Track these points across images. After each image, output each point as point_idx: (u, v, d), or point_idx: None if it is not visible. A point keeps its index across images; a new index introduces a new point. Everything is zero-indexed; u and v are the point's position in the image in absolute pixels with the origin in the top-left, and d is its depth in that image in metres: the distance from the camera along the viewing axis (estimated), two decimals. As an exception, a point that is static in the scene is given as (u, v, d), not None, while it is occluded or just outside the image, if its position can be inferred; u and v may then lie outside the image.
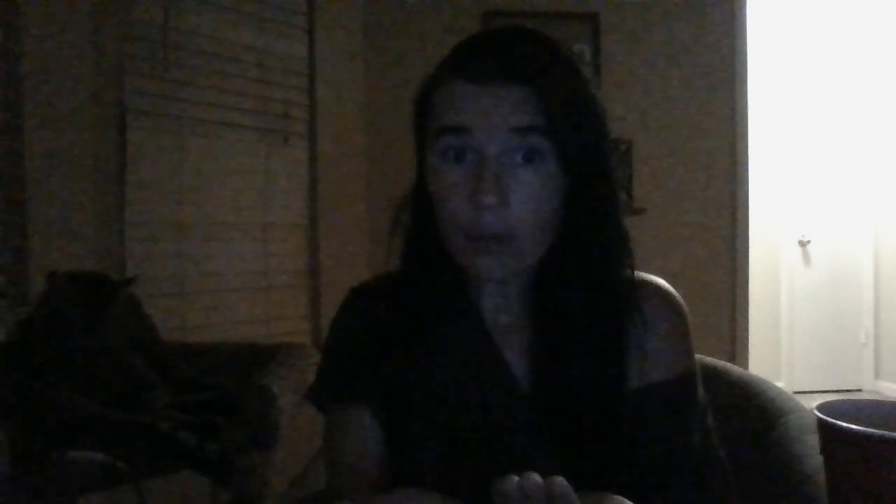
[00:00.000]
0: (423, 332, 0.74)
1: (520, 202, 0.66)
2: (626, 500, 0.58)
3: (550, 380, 0.71)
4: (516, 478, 0.52)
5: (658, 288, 0.75)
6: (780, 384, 2.53)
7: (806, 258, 4.65)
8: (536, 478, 0.52)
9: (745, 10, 3.26)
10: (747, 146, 3.28)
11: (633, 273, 0.73)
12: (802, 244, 4.62)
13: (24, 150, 1.96)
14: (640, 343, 0.71)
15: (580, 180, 0.68)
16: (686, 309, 0.76)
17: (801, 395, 4.10)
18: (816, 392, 4.39)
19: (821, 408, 0.54)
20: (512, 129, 0.65)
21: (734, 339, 3.28)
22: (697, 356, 0.84)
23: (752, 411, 0.93)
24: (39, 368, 1.55)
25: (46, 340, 1.61)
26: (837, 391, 4.49)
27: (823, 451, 0.54)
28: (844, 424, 0.51)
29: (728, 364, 1.03)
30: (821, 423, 0.53)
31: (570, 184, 0.68)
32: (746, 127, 3.28)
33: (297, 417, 1.81)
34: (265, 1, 2.66)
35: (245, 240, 2.62)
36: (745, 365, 3.26)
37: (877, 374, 4.59)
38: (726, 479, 0.75)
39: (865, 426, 0.50)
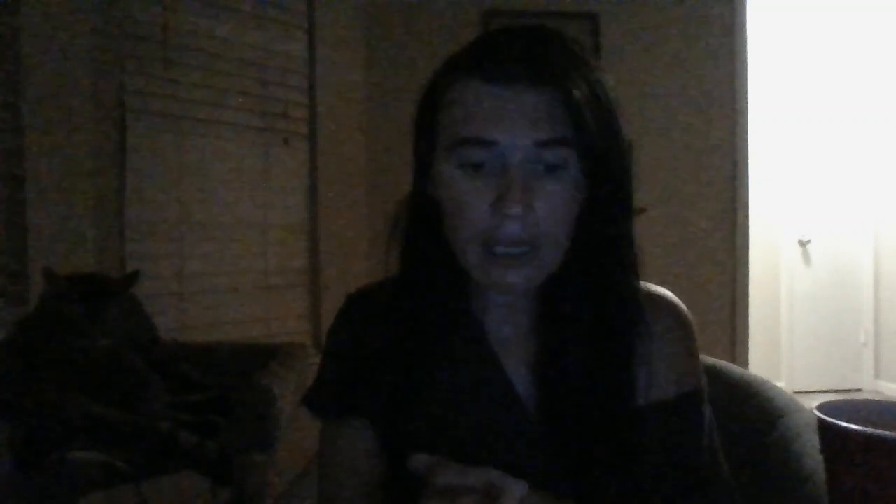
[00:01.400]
0: (423, 346, 0.72)
1: (544, 212, 0.63)
2: None
3: (555, 396, 0.68)
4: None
5: (666, 301, 0.73)
6: (780, 384, 2.53)
7: (806, 258, 4.65)
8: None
9: (745, 10, 3.26)
10: (747, 146, 3.28)
11: (639, 284, 0.71)
12: (802, 244, 4.62)
13: (24, 150, 1.96)
14: (648, 358, 0.69)
15: (599, 189, 0.66)
16: (693, 322, 0.74)
17: (801, 395, 4.10)
18: (816, 392, 4.39)
19: (821, 408, 0.54)
20: (537, 143, 0.62)
21: (734, 339, 3.28)
22: (697, 356, 0.84)
23: (752, 411, 0.93)
24: (39, 368, 1.55)
25: (46, 341, 1.61)
26: (837, 391, 4.49)
27: (823, 451, 0.54)
28: (844, 424, 0.51)
29: (728, 364, 1.03)
30: (821, 423, 0.53)
31: (589, 192, 0.66)
32: (746, 127, 3.28)
33: (297, 417, 1.81)
34: (265, 1, 2.66)
35: (245, 240, 2.62)
36: (745, 365, 3.26)
37: (877, 374, 4.59)
38: (731, 492, 0.73)
39: (865, 426, 0.50)
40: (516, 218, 0.62)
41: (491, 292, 0.72)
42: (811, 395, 4.27)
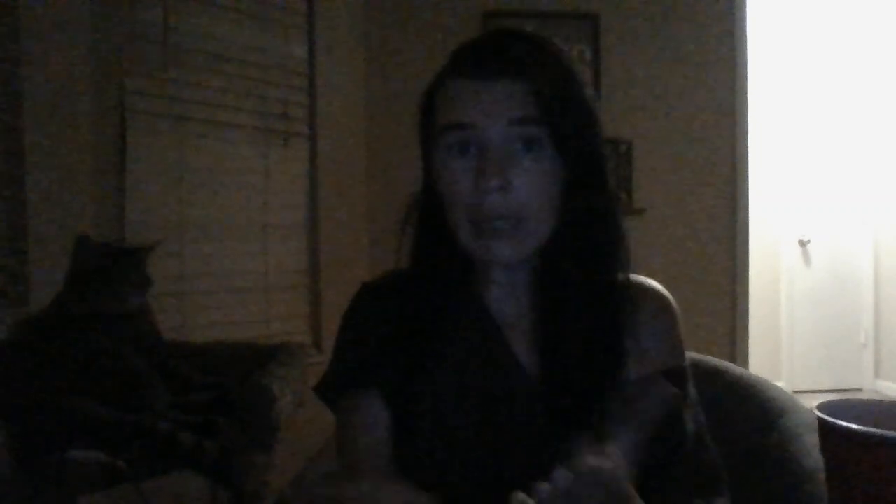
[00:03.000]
0: (432, 326, 0.78)
1: (522, 187, 0.70)
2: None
3: (555, 366, 0.74)
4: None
5: (651, 289, 0.80)
6: (780, 384, 2.53)
7: (806, 258, 4.65)
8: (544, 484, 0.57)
9: (745, 10, 3.26)
10: (747, 146, 3.28)
11: (628, 275, 0.77)
12: (802, 244, 4.62)
13: (24, 150, 1.96)
14: (636, 335, 0.75)
15: (576, 175, 0.73)
16: (678, 309, 0.80)
17: (801, 395, 4.10)
18: (816, 392, 4.39)
19: (821, 408, 0.54)
20: (510, 121, 0.70)
21: (734, 339, 3.28)
22: (698, 356, 0.86)
23: (752, 411, 0.93)
24: (40, 368, 1.55)
25: (80, 305, 1.65)
26: (837, 391, 4.49)
27: (823, 450, 0.54)
28: (844, 424, 0.51)
29: (728, 364, 1.03)
30: (821, 422, 0.53)
31: (567, 178, 0.73)
32: (746, 126, 3.28)
33: (297, 417, 1.81)
34: (265, 1, 2.66)
35: (245, 240, 2.62)
36: (745, 365, 3.26)
37: (877, 374, 4.59)
38: (717, 467, 0.77)
39: (865, 426, 0.51)
40: (494, 191, 0.70)
41: (492, 271, 0.79)
42: (811, 395, 4.27)
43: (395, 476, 0.74)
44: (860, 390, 4.56)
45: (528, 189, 0.71)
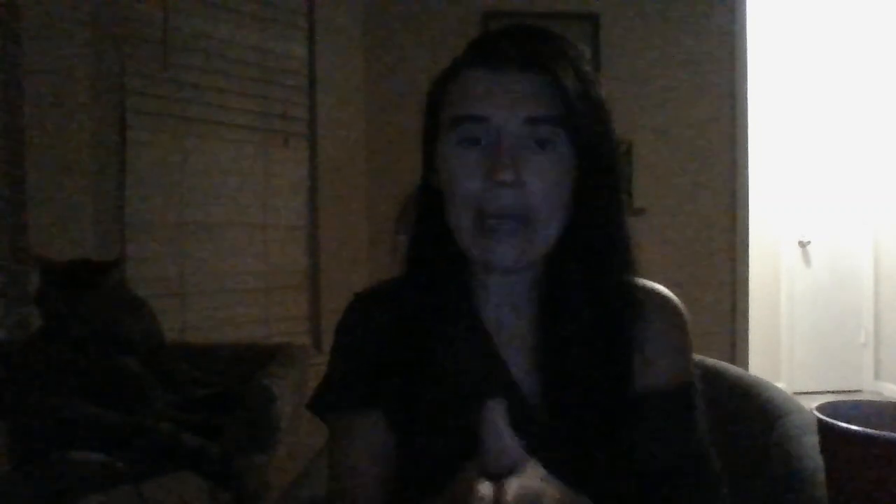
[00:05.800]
0: (426, 339, 0.74)
1: (535, 185, 0.67)
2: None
3: (554, 381, 0.70)
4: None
5: (661, 296, 0.75)
6: (780, 384, 2.53)
7: (806, 258, 4.64)
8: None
9: (745, 9, 3.26)
10: (747, 146, 3.28)
11: (635, 279, 0.73)
12: (802, 244, 4.62)
13: (24, 149, 1.96)
14: (642, 346, 0.71)
15: (588, 175, 0.69)
16: (687, 316, 0.75)
17: (801, 395, 4.10)
18: (816, 392, 4.39)
19: (821, 408, 0.54)
20: (528, 119, 0.67)
21: (734, 339, 3.28)
22: (698, 357, 0.85)
23: (752, 411, 0.93)
24: (40, 369, 1.55)
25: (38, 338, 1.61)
26: (837, 392, 4.48)
27: (823, 451, 0.54)
28: (844, 424, 0.51)
29: (728, 364, 1.03)
30: (821, 423, 0.53)
31: (579, 178, 0.69)
32: (746, 127, 3.28)
33: (297, 417, 1.81)
34: (265, 1, 2.66)
35: (245, 240, 2.62)
36: (745, 365, 3.25)
37: (877, 375, 4.58)
38: (720, 481, 0.74)
39: (865, 426, 0.50)
40: (506, 185, 0.66)
41: (490, 278, 0.74)
42: (811, 395, 4.27)
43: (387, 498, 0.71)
44: (860, 391, 4.56)
45: (539, 188, 0.67)
